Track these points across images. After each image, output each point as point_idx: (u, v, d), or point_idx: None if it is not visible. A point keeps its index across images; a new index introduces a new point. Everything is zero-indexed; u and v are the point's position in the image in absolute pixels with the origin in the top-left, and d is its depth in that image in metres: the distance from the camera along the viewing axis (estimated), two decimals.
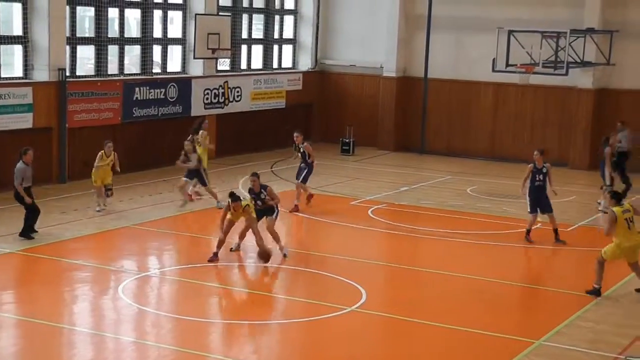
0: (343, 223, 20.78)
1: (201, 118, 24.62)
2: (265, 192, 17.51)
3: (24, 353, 12.75)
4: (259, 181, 17.63)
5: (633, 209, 15.60)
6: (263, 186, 17.64)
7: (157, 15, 27.14)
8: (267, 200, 17.51)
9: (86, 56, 25.47)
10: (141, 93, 25.84)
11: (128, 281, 15.78)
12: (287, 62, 32.98)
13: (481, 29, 29.75)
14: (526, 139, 30.11)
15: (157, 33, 27.12)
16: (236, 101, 29.44)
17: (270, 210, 17.59)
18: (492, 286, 16.35)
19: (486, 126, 30.90)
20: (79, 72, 24.93)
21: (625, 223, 15.35)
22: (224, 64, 29.55)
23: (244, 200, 17.37)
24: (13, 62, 23.66)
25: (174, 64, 28.08)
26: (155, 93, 26.27)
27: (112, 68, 25.78)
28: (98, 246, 18.47)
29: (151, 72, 26.83)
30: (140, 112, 25.87)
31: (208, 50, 27.50)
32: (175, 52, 28.13)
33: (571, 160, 29.22)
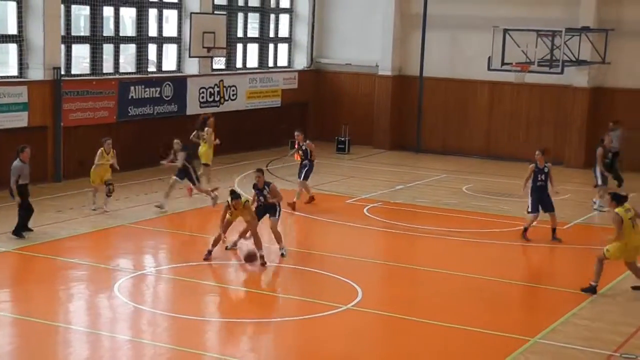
0: (339, 221, 20.77)
1: (206, 114, 24.15)
2: (268, 189, 17.52)
3: (20, 352, 12.72)
4: (264, 177, 17.63)
5: (633, 209, 15.60)
6: (267, 183, 17.62)
7: (153, 13, 27.10)
8: (269, 197, 17.51)
9: (81, 55, 25.45)
10: (136, 92, 25.81)
11: (124, 280, 15.77)
12: (283, 61, 32.96)
13: (476, 28, 29.74)
14: (522, 138, 30.16)
15: (153, 32, 27.09)
16: (232, 100, 29.42)
17: (272, 209, 17.55)
18: (488, 284, 16.35)
19: (482, 125, 30.91)
20: (74, 71, 24.90)
21: (630, 223, 15.36)
22: (220, 63, 29.55)
23: (244, 197, 17.40)
24: (8, 61, 23.65)
25: (170, 63, 28.07)
26: (150, 92, 26.24)
27: (108, 67, 25.77)
28: (94, 245, 18.46)
29: (146, 71, 26.81)
30: (135, 111, 25.84)
31: (203, 49, 27.49)
32: (170, 51, 28.12)
33: (566, 158, 29.22)
